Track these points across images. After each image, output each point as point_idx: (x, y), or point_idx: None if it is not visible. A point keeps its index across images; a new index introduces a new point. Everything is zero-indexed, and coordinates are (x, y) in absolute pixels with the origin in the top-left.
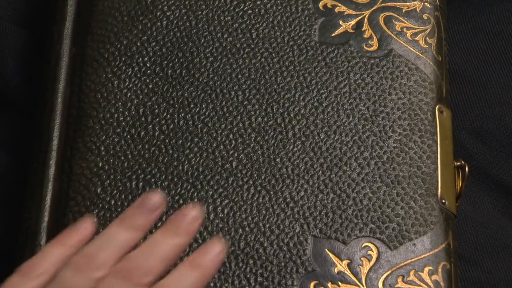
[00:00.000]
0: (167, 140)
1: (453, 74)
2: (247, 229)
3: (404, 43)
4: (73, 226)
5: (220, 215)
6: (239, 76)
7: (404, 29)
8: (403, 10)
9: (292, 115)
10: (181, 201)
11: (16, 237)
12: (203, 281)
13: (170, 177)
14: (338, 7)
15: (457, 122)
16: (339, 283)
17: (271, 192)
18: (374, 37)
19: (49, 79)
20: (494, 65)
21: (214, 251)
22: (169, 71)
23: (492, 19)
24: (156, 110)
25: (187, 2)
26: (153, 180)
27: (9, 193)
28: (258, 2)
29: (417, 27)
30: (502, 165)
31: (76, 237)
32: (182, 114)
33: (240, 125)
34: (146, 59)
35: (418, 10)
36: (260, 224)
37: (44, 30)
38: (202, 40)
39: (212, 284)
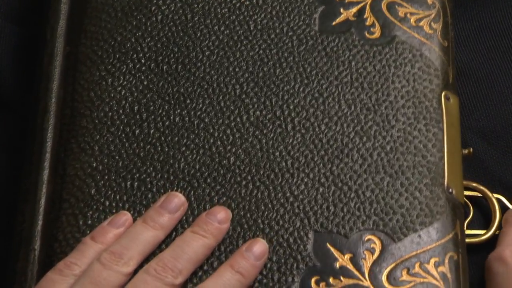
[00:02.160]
0: (162, 138)
1: (459, 72)
2: (245, 226)
3: (408, 29)
4: (108, 223)
5: None
6: (237, 70)
7: (408, 14)
8: None
9: (291, 107)
10: None
11: (10, 240)
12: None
13: (166, 176)
14: None
15: (462, 122)
16: (341, 277)
17: (270, 187)
18: (377, 24)
19: (43, 78)
20: (500, 63)
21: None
22: (165, 67)
23: (498, 16)
24: (151, 107)
25: None
26: (148, 179)
27: (2, 195)
28: None
29: (421, 12)
30: (508, 165)
31: (111, 234)
32: (178, 111)
33: (238, 119)
34: (140, 55)
35: None
36: (259, 221)
37: (38, 28)
38: (198, 34)
39: None
